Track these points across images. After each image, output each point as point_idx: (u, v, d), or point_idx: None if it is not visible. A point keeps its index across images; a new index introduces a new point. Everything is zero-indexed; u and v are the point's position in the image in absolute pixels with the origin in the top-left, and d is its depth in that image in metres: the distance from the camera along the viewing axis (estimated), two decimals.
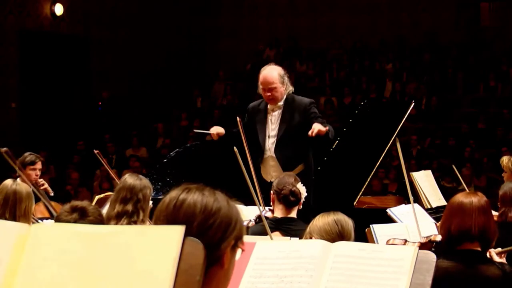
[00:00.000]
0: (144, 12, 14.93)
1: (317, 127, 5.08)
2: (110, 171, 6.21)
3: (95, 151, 5.88)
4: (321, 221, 3.22)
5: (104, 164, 6.07)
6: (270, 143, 5.52)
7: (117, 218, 3.98)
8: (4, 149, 5.45)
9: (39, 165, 6.06)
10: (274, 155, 5.51)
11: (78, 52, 14.04)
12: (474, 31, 15.23)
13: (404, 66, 15.06)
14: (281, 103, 5.52)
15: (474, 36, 15.14)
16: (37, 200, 5.89)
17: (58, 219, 3.39)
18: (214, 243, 1.62)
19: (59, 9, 13.55)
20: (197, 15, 16.05)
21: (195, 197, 1.68)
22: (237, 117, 5.16)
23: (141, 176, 4.25)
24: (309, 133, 5.08)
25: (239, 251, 1.72)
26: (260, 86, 5.49)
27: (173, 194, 1.71)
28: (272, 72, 5.46)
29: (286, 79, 5.48)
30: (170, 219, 1.66)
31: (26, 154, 6.03)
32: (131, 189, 4.05)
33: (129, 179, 4.12)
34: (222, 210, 1.68)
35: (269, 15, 16.45)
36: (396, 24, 15.50)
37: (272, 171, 5.45)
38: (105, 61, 14.35)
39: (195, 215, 1.65)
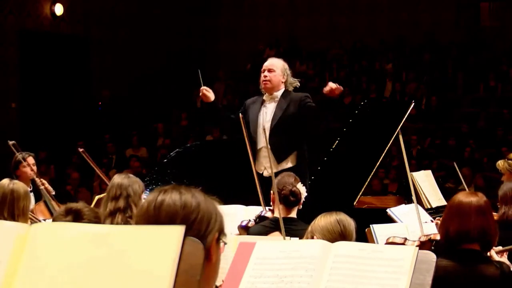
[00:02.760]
0: (144, 12, 14.93)
1: (331, 84, 5.27)
2: (97, 170, 5.97)
3: (80, 150, 5.69)
4: (323, 220, 3.22)
5: (90, 162, 5.70)
6: (263, 135, 5.56)
7: (111, 215, 3.99)
8: (12, 142, 5.73)
9: (30, 160, 5.95)
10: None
11: (78, 52, 14.03)
12: (474, 31, 15.23)
13: (404, 66, 15.05)
14: (277, 96, 5.60)
15: (474, 36, 15.14)
16: (39, 199, 5.89)
17: (54, 222, 3.40)
18: (200, 237, 1.63)
19: (59, 9, 13.54)
20: (196, 15, 16.05)
21: (173, 196, 1.70)
22: (240, 114, 5.23)
23: (129, 174, 4.28)
24: (324, 89, 5.31)
25: (223, 245, 1.74)
26: (262, 69, 5.63)
27: (150, 197, 1.73)
28: (277, 60, 5.69)
29: (288, 73, 5.61)
30: (151, 221, 1.67)
31: (16, 155, 5.95)
32: (119, 186, 4.07)
33: (117, 178, 4.15)
34: (202, 205, 1.70)
35: (269, 15, 16.45)
36: (396, 24, 15.50)
37: (265, 162, 5.48)
38: (105, 61, 14.34)
39: (177, 213, 1.67)
